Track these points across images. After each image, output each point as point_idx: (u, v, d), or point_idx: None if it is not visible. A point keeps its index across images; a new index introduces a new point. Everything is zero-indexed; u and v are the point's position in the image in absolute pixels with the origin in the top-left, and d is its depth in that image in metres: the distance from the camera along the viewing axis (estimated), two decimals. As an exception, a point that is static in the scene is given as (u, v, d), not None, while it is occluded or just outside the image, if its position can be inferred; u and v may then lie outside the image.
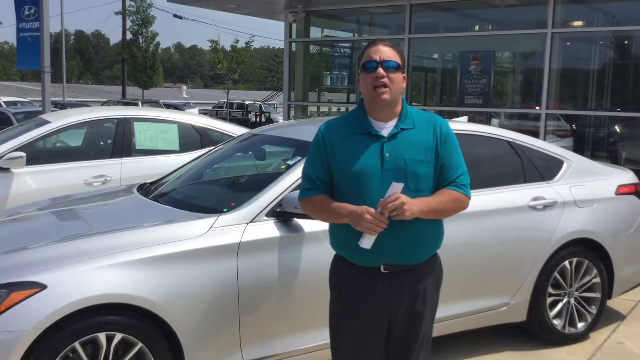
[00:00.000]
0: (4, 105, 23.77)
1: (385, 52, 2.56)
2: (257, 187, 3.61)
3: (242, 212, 3.42)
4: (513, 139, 4.56)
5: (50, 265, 2.97)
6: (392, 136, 2.57)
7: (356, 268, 2.61)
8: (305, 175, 2.70)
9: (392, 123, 2.60)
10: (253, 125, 31.58)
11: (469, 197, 2.67)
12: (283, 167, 3.88)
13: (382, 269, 2.58)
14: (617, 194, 4.74)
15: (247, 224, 3.38)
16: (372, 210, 2.43)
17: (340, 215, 2.53)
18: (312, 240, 3.45)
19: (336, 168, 2.59)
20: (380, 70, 2.53)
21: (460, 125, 4.62)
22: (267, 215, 3.44)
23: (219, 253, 3.25)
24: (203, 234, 3.27)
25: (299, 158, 3.78)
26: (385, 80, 2.53)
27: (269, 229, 3.41)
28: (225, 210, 3.45)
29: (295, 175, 3.56)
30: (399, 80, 2.58)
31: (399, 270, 2.59)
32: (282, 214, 3.44)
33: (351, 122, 2.65)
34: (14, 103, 25.66)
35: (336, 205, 2.56)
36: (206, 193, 4.23)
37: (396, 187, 2.43)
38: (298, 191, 3.31)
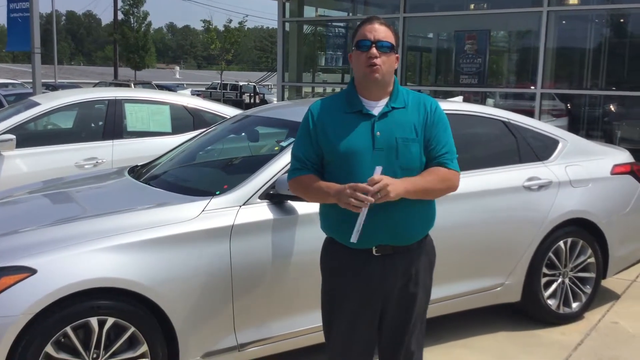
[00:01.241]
0: (-5, 87, 23.54)
1: (380, 32, 2.53)
2: (250, 169, 3.57)
3: (235, 195, 3.38)
4: (508, 118, 4.52)
5: (41, 250, 2.93)
6: (383, 115, 2.55)
7: (347, 250, 2.58)
8: (294, 155, 2.66)
9: (384, 102, 2.58)
10: (247, 106, 31.37)
11: (457, 172, 2.64)
12: (276, 148, 3.83)
13: (373, 252, 2.56)
14: (612, 173, 4.72)
15: (240, 206, 3.35)
16: (353, 184, 2.39)
17: (328, 194, 2.50)
18: (305, 222, 3.42)
19: (327, 148, 2.56)
20: (374, 50, 2.51)
21: (455, 105, 4.58)
22: (260, 197, 3.41)
23: (211, 236, 3.22)
24: (195, 217, 3.24)
25: (292, 139, 3.73)
26: (378, 60, 2.50)
27: (262, 211, 3.38)
28: (217, 192, 3.41)
29: (288, 157, 3.50)
30: (392, 60, 2.56)
31: (390, 252, 2.57)
32: (275, 196, 3.40)
33: (342, 101, 2.62)
34: (5, 85, 25.40)
35: (324, 184, 2.54)
36: (198, 175, 4.18)
37: (378, 171, 2.41)
38: (292, 173, 3.30)
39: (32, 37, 9.48)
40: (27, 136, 5.77)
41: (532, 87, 10.74)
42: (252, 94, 34.78)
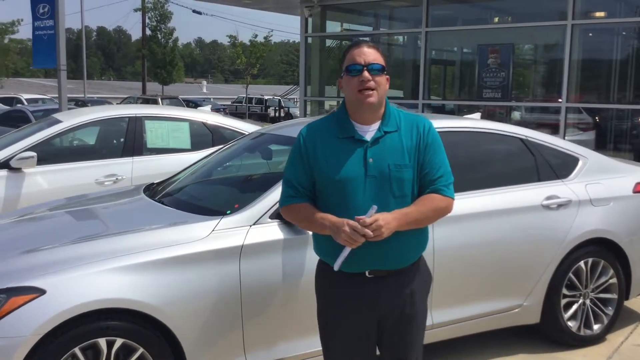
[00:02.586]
0: (25, 102, 24.06)
1: (370, 55, 2.49)
2: (262, 188, 3.55)
3: (245, 214, 3.37)
4: (526, 136, 4.44)
5: (50, 270, 2.94)
6: (375, 140, 2.50)
7: (340, 274, 2.54)
8: (286, 180, 2.60)
9: (376, 126, 2.53)
10: (272, 119, 31.59)
11: (452, 199, 2.58)
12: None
13: (367, 274, 2.53)
14: (635, 192, 4.60)
15: (250, 226, 3.33)
16: (352, 222, 2.37)
17: (323, 226, 2.47)
18: (316, 242, 3.38)
19: (319, 174, 2.52)
20: (366, 73, 2.47)
21: (472, 122, 4.53)
22: (271, 217, 3.39)
23: (221, 256, 3.20)
24: (205, 237, 3.23)
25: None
26: (372, 84, 2.47)
27: (273, 231, 3.35)
28: (228, 212, 3.40)
29: (300, 176, 3.50)
30: (384, 82, 2.52)
31: (384, 275, 2.54)
32: (286, 216, 3.37)
33: (333, 125, 2.57)
34: (35, 100, 25.95)
35: (319, 216, 2.49)
36: (210, 194, 4.18)
37: (372, 211, 2.38)
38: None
39: (58, 54, 9.62)
40: (48, 153, 5.84)
41: (559, 100, 10.60)
42: (277, 108, 35.05)
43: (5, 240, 3.63)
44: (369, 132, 2.51)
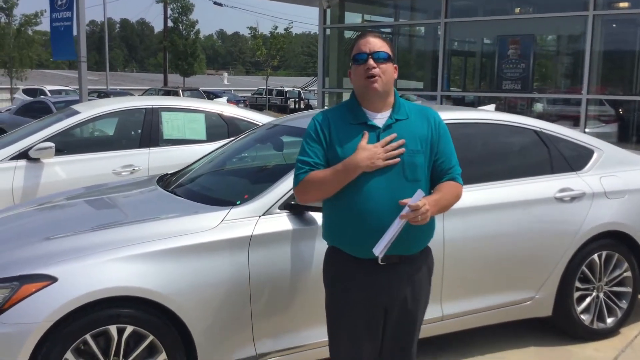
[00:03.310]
0: (49, 94, 24.37)
1: (375, 44, 2.57)
2: (272, 178, 3.57)
3: (255, 205, 3.39)
4: (540, 128, 4.41)
5: (62, 258, 3.00)
6: (388, 126, 2.58)
7: (352, 259, 2.60)
8: (302, 161, 2.60)
9: (386, 114, 2.61)
10: (292, 111, 31.64)
11: (462, 185, 2.70)
12: (298, 158, 3.83)
13: (379, 261, 2.56)
14: (651, 184, 4.54)
15: (260, 216, 3.35)
16: (378, 146, 2.48)
17: (349, 168, 2.48)
18: (325, 233, 3.39)
19: (333, 159, 2.57)
20: (371, 61, 2.54)
21: (486, 114, 4.50)
22: (280, 207, 3.41)
23: (230, 246, 3.23)
24: (215, 227, 3.26)
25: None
26: (376, 71, 2.54)
27: (282, 222, 3.38)
28: (238, 202, 3.43)
29: (309, 167, 3.51)
30: (390, 70, 2.59)
31: (395, 262, 2.59)
32: (295, 207, 3.40)
33: (345, 113, 2.64)
34: (59, 92, 26.28)
35: (337, 165, 2.51)
36: (221, 185, 4.21)
37: (420, 195, 2.44)
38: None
39: (78, 46, 9.73)
40: (66, 144, 5.92)
41: (582, 92, 10.46)
42: (297, 100, 35.09)
43: (21, 228, 3.70)
44: (381, 119, 2.59)
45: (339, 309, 2.66)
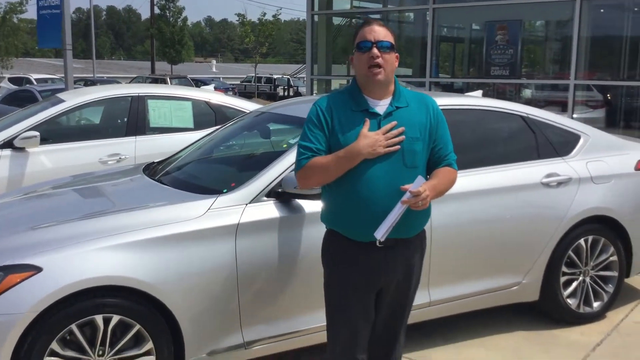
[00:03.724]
0: (35, 82, 24.15)
1: (380, 33, 2.60)
2: (259, 166, 3.56)
3: (242, 193, 3.38)
4: (527, 113, 4.41)
5: (47, 248, 2.98)
6: (388, 114, 2.63)
7: (351, 243, 2.66)
8: (303, 147, 2.63)
9: (387, 101, 2.66)
10: (281, 99, 31.52)
11: (457, 172, 2.81)
12: (284, 145, 3.82)
13: (377, 243, 2.62)
14: (637, 169, 4.57)
15: (247, 204, 3.34)
16: (380, 133, 2.52)
17: (357, 153, 2.52)
18: (312, 221, 3.38)
19: (334, 145, 2.60)
20: (375, 50, 2.58)
21: (473, 100, 4.50)
22: (267, 195, 3.40)
23: (217, 234, 3.22)
24: (201, 215, 3.24)
25: (301, 137, 3.71)
26: (379, 60, 2.58)
27: (269, 209, 3.37)
28: (225, 190, 3.41)
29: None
30: (393, 60, 2.63)
31: (392, 244, 2.65)
32: (282, 195, 3.39)
33: (346, 99, 2.68)
34: (45, 80, 26.03)
35: (340, 151, 2.55)
36: (208, 173, 4.19)
37: (420, 181, 2.52)
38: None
39: (63, 34, 9.63)
40: (51, 132, 5.87)
41: (567, 78, 10.48)
42: (286, 87, 34.95)
43: (6, 218, 3.67)
44: (381, 106, 2.64)
45: (337, 289, 2.73)
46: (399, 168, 2.58)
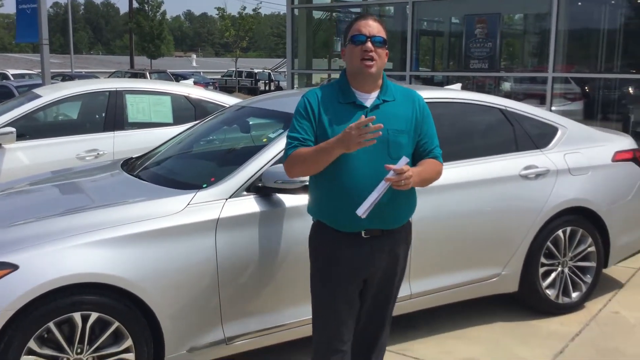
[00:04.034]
0: (12, 78, 23.81)
1: (374, 27, 2.67)
2: (239, 161, 3.54)
3: (221, 188, 3.36)
4: (505, 106, 4.43)
5: (23, 245, 2.93)
6: (375, 107, 2.68)
7: (337, 234, 2.69)
8: (292, 137, 2.68)
9: (374, 95, 2.71)
10: (262, 93, 31.43)
11: (442, 165, 2.86)
12: (264, 140, 3.80)
13: (363, 234, 2.67)
14: (614, 160, 4.62)
15: (226, 199, 3.32)
16: (352, 126, 2.47)
17: (331, 147, 2.53)
18: (293, 215, 3.39)
19: (321, 135, 2.65)
20: (369, 44, 2.64)
21: (452, 93, 4.51)
22: (247, 190, 3.38)
23: (196, 230, 3.20)
24: (180, 210, 3.22)
25: (281, 131, 3.70)
26: (373, 54, 2.64)
27: (249, 204, 3.35)
28: (204, 185, 3.39)
29: (276, 149, 3.50)
30: (384, 55, 2.70)
31: (378, 235, 2.70)
32: (262, 189, 3.38)
33: (334, 92, 2.73)
34: (22, 76, 25.69)
35: (322, 143, 2.58)
36: (187, 168, 4.16)
37: (404, 161, 2.55)
38: (279, 165, 3.28)
39: (40, 28, 9.51)
40: (28, 128, 5.79)
41: (546, 71, 10.56)
42: (267, 81, 34.83)
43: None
44: (368, 99, 2.69)
45: (323, 280, 2.76)
46: (384, 159, 2.60)
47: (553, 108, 10.33)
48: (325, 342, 2.78)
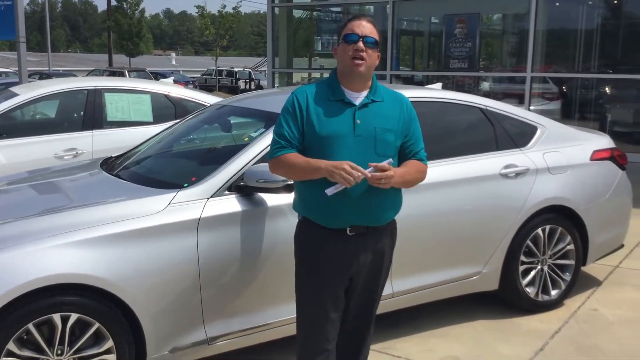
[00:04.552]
0: (-12, 76, 23.43)
1: (367, 28, 2.72)
2: (220, 160, 3.52)
3: (203, 187, 3.34)
4: (486, 105, 4.47)
5: (2, 245, 2.89)
6: (364, 105, 2.73)
7: (322, 231, 2.72)
8: (278, 134, 2.72)
9: (364, 94, 2.75)
10: (243, 92, 31.30)
11: (427, 167, 2.92)
12: (246, 139, 3.79)
13: (348, 231, 2.70)
14: (592, 159, 4.67)
15: (208, 199, 3.30)
16: (352, 164, 2.54)
17: (318, 168, 2.59)
18: (275, 214, 3.38)
19: (309, 130, 2.69)
20: (361, 44, 2.69)
21: (433, 92, 4.54)
22: (229, 189, 3.37)
23: (178, 230, 3.18)
24: (161, 210, 3.19)
25: (262, 130, 3.69)
26: (363, 54, 2.69)
27: (231, 204, 3.33)
28: (185, 185, 3.36)
29: (257, 148, 3.49)
30: (375, 56, 2.75)
31: (363, 232, 2.73)
32: (244, 189, 3.36)
33: (324, 89, 2.77)
34: (-1, 74, 25.31)
35: (312, 159, 2.64)
36: (168, 167, 4.13)
37: (388, 162, 2.60)
38: (261, 164, 3.27)
39: (16, 26, 9.39)
40: (5, 127, 5.72)
41: (524, 71, 10.66)
42: (247, 80, 34.73)
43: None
44: (358, 98, 2.74)
45: (308, 278, 2.77)
46: (370, 156, 2.64)
47: (531, 107, 10.44)
48: (311, 341, 2.78)
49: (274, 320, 3.46)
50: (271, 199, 3.39)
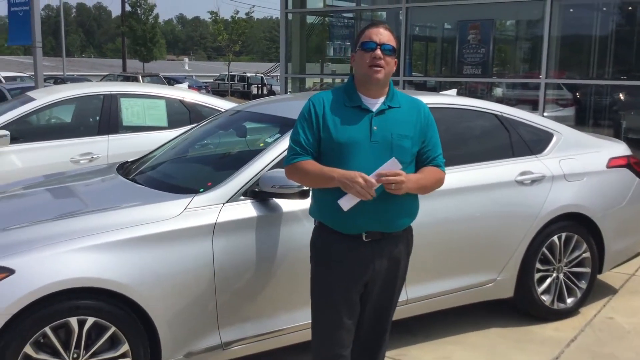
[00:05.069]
0: (3, 81, 23.67)
1: (385, 36, 2.72)
2: (235, 165, 3.53)
3: (218, 192, 3.35)
4: (501, 112, 4.45)
5: (19, 250, 2.91)
6: (381, 112, 2.73)
7: (339, 236, 2.72)
8: (294, 141, 2.73)
9: (381, 100, 2.76)
10: (255, 97, 31.39)
11: (444, 174, 2.89)
12: (261, 144, 3.79)
13: (363, 237, 2.70)
14: (608, 167, 4.64)
15: (224, 204, 3.31)
16: (365, 176, 2.54)
17: (332, 178, 2.59)
18: (290, 220, 3.39)
19: (325, 136, 2.69)
20: (379, 51, 2.69)
21: (448, 99, 4.53)
22: (244, 195, 3.38)
23: (194, 234, 3.19)
24: (178, 215, 3.21)
25: (278, 135, 3.70)
26: (382, 62, 2.69)
27: (246, 209, 3.34)
28: (201, 190, 3.38)
29: (273, 154, 3.50)
30: (392, 63, 2.75)
31: (379, 238, 2.73)
32: (259, 194, 3.37)
33: (341, 96, 2.78)
34: (14, 78, 25.53)
35: (326, 168, 2.64)
36: (184, 172, 4.15)
37: (396, 164, 2.57)
38: (276, 170, 3.28)
39: (33, 31, 9.47)
40: (22, 131, 5.76)
41: (538, 77, 10.61)
42: (259, 85, 34.83)
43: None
44: (375, 104, 2.74)
45: (324, 283, 2.77)
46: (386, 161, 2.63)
47: (545, 114, 10.39)
48: (325, 347, 2.78)
49: (289, 325, 3.46)
50: (286, 205, 3.39)
